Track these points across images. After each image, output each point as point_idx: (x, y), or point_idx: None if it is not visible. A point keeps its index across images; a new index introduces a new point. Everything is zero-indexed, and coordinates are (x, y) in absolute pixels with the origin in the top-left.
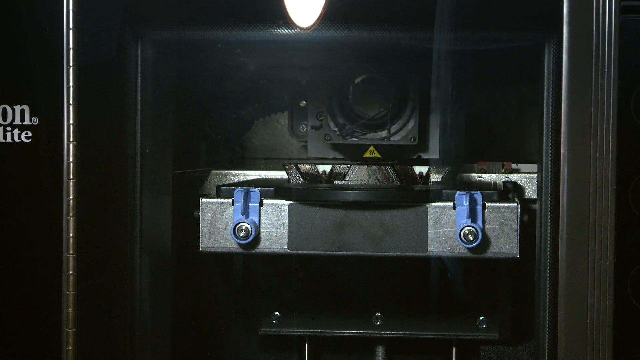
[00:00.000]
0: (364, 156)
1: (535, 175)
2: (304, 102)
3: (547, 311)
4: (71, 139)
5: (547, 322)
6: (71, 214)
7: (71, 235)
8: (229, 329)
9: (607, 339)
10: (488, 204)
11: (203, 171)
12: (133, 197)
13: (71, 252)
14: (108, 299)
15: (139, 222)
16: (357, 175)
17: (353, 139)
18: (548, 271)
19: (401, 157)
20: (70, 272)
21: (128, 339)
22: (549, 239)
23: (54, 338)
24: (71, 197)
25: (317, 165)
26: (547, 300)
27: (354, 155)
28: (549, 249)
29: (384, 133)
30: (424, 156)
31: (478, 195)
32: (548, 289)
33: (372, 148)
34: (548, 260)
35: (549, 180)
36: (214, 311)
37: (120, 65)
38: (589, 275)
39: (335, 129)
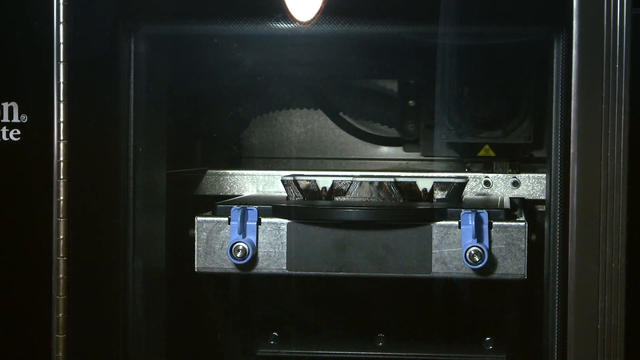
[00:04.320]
0: (479, 154)
1: (544, 175)
2: (412, 102)
3: (556, 319)
4: (61, 138)
5: (557, 330)
6: (61, 216)
7: (61, 237)
8: (226, 349)
9: (619, 345)
10: (494, 223)
11: (199, 171)
12: (126, 197)
13: (61, 255)
14: (100, 303)
15: (132, 224)
16: (359, 192)
17: (468, 137)
18: (557, 277)
19: (516, 156)
20: (61, 275)
21: (120, 346)
22: (558, 241)
23: (43, 344)
24: (61, 198)
25: (317, 181)
26: (557, 311)
27: (468, 153)
28: (558, 253)
29: (499, 132)
30: (538, 154)
31: (484, 214)
32: (557, 297)
33: (487, 147)
34: (557, 265)
35: (558, 181)
36: (210, 330)
37: (112, 61)
38: (600, 278)
39: (451, 128)
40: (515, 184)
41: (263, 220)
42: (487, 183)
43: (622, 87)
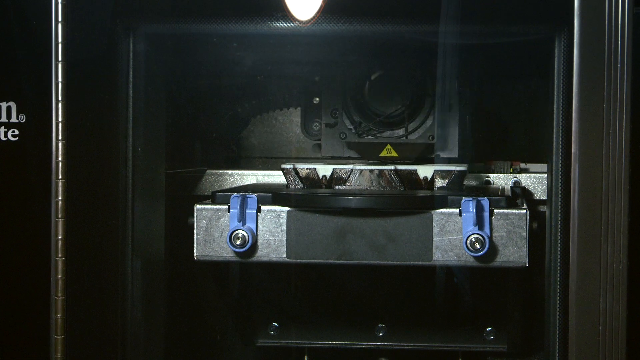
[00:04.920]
0: (381, 155)
1: (545, 175)
2: (317, 99)
3: (558, 318)
4: (60, 138)
5: (558, 330)
6: (60, 216)
7: (60, 237)
8: (225, 339)
9: (620, 346)
10: (496, 211)
11: (198, 171)
12: (124, 197)
13: (60, 255)
14: (98, 304)
15: (131, 224)
16: (359, 180)
17: (369, 137)
18: (558, 276)
19: (419, 156)
20: (59, 276)
21: (119, 347)
22: (559, 242)
23: (41, 345)
24: (60, 198)
25: (317, 169)
26: (558, 307)
27: (370, 154)
28: (559, 253)
29: (401, 131)
30: (443, 155)
31: (485, 202)
32: (559, 295)
33: (389, 147)
34: (558, 264)
35: (560, 181)
36: (209, 320)
37: (111, 61)
38: (601, 279)
39: (351, 127)
40: (517, 184)
41: (263, 208)
42: (487, 183)
43: (623, 86)
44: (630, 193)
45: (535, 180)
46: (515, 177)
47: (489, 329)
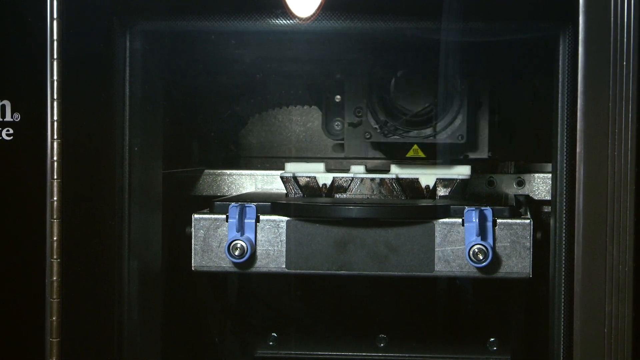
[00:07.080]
0: (407, 155)
1: (549, 175)
2: (339, 97)
3: (562, 322)
4: (55, 137)
5: (562, 335)
6: (55, 217)
7: (55, 239)
8: (224, 349)
9: (626, 349)
10: (499, 221)
11: (196, 171)
12: (121, 198)
13: (55, 256)
14: (94, 306)
15: (128, 225)
16: (360, 189)
17: (395, 137)
18: (563, 278)
19: (447, 157)
20: (54, 278)
21: (115, 350)
22: (563, 243)
23: (36, 348)
24: (55, 199)
25: (317, 178)
26: (562, 311)
27: (395, 154)
28: (563, 254)
29: (428, 131)
30: (473, 155)
31: (488, 211)
32: (563, 298)
33: (415, 147)
34: (563, 266)
35: (564, 181)
36: (207, 330)
37: (107, 58)
38: (607, 281)
39: (376, 127)
40: (520, 183)
41: (262, 217)
42: (491, 183)
43: (629, 84)
44: (636, 193)
45: (539, 180)
46: (519, 177)
47: (492, 339)
